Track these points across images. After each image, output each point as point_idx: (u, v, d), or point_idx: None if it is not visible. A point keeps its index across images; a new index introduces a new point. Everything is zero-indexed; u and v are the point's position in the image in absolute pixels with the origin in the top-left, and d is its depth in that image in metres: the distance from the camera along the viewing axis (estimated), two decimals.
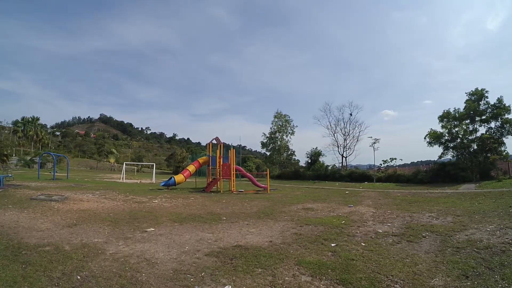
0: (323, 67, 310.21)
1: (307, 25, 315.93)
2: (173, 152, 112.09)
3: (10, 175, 25.49)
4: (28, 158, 63.05)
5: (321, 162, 49.78)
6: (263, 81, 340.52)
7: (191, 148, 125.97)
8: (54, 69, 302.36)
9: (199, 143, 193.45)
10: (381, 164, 39.64)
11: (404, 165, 45.07)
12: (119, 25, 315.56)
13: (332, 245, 6.89)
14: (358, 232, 8.33)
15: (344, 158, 50.61)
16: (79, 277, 4.93)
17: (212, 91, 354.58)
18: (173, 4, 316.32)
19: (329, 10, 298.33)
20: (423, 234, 7.77)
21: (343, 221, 9.90)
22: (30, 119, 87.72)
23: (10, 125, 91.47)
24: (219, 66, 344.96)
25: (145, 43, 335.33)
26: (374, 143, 38.65)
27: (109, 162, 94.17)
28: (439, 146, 32.35)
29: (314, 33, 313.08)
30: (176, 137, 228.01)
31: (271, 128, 60.69)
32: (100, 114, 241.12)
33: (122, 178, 36.09)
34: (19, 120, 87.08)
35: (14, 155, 65.70)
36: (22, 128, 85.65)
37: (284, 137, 60.06)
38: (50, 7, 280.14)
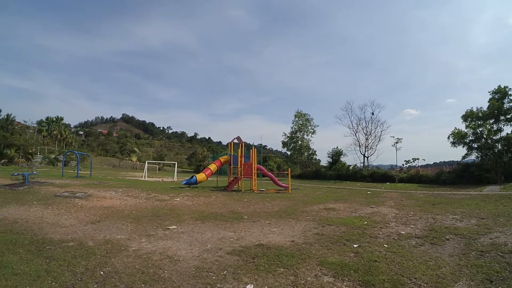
0: (343, 66, 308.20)
1: (326, 24, 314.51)
2: (194, 151, 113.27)
3: (35, 172, 26.20)
4: (52, 156, 64.71)
5: (342, 162, 49.34)
6: (282, 81, 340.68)
7: (212, 147, 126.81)
8: (76, 70, 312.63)
9: (219, 142, 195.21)
10: (403, 165, 39.00)
11: (427, 165, 44.28)
12: (140, 26, 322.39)
13: (355, 246, 6.82)
14: (380, 233, 8.22)
15: (365, 158, 49.89)
16: (102, 273, 5.00)
17: (231, 91, 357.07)
18: (192, 5, 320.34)
19: (349, 9, 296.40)
20: (447, 237, 7.63)
21: (365, 222, 9.78)
22: (54, 119, 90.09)
23: (35, 125, 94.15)
24: (238, 66, 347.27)
25: (165, 44, 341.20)
26: (396, 142, 38.09)
27: (131, 160, 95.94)
28: (463, 146, 31.59)
29: (333, 33, 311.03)
30: (197, 137, 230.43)
31: (291, 127, 60.57)
32: (122, 114, 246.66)
33: (144, 177, 36.63)
34: (44, 120, 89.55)
35: (38, 153, 67.69)
36: (47, 127, 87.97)
37: (305, 136, 59.77)
38: (72, 10, 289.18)
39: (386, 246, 6.82)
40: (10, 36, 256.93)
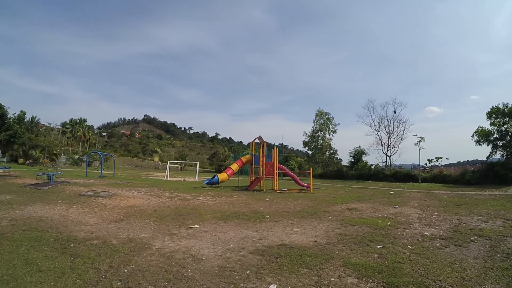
0: (362, 63, 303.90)
1: (345, 21, 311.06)
2: (216, 151, 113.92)
3: (59, 172, 26.88)
4: (76, 157, 66.35)
5: (364, 161, 48.53)
6: (302, 79, 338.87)
7: (233, 147, 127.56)
8: (99, 73, 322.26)
9: (241, 142, 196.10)
10: (426, 164, 38.12)
11: (450, 164, 43.23)
12: (160, 29, 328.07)
13: (378, 246, 6.75)
14: (404, 234, 8.09)
15: (388, 157, 48.93)
16: (126, 270, 5.04)
17: (251, 91, 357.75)
18: (211, 7, 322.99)
19: (367, 4, 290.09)
20: (472, 238, 7.47)
21: (389, 223, 9.63)
22: (77, 120, 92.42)
23: (59, 127, 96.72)
24: (258, 66, 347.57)
25: (185, 46, 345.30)
26: (419, 141, 37.38)
27: (153, 160, 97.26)
28: (488, 145, 30.63)
29: (351, 29, 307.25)
30: (218, 137, 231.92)
31: (312, 126, 60.02)
32: (144, 115, 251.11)
33: (166, 176, 37.02)
34: (67, 121, 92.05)
35: (63, 154, 69.38)
36: (71, 129, 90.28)
37: (326, 135, 59.18)
38: (93, 16, 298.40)
39: (410, 247, 6.72)
40: (35, 43, 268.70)
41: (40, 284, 4.39)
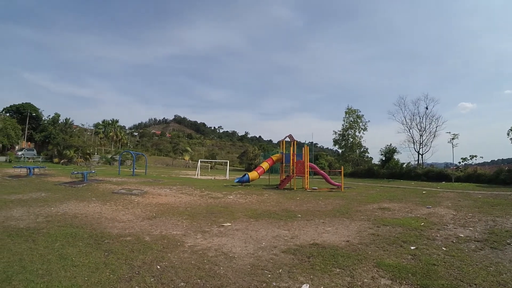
0: (391, 59, 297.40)
1: (372, 16, 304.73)
2: (245, 150, 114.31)
3: (93, 171, 27.60)
4: (109, 156, 68.06)
5: (395, 160, 47.12)
6: (330, 77, 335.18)
7: (263, 146, 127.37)
8: (129, 76, 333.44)
9: (270, 140, 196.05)
10: (459, 162, 36.68)
11: (484, 163, 41.71)
12: (187, 31, 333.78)
13: (412, 248, 6.60)
14: (438, 235, 7.87)
15: (420, 156, 47.38)
16: (159, 267, 5.08)
17: (279, 90, 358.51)
18: (236, 6, 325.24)
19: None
20: (508, 241, 7.21)
21: (422, 223, 9.37)
22: (110, 121, 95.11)
23: (92, 128, 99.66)
24: (286, 64, 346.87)
25: (212, 47, 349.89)
26: (452, 139, 35.91)
27: (184, 159, 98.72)
28: None
29: (378, 24, 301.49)
30: (248, 135, 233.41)
31: (342, 124, 58.94)
32: (175, 115, 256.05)
33: (197, 175, 37.36)
34: (100, 122, 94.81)
35: (96, 153, 71.39)
36: (103, 129, 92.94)
37: (357, 133, 58.11)
38: (123, 21, 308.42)
39: (444, 249, 6.56)
40: (68, 49, 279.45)
41: (74, 278, 4.47)
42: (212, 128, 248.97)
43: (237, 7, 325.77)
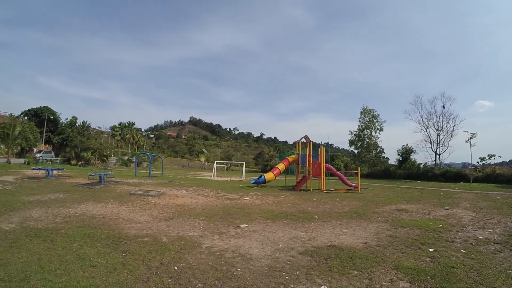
0: (406, 57, 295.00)
1: (386, 15, 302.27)
2: (261, 151, 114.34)
3: (110, 172, 27.97)
4: (126, 158, 69.02)
5: (412, 160, 46.41)
6: (344, 77, 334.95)
7: (278, 147, 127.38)
8: (144, 78, 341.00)
9: (285, 141, 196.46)
10: (478, 162, 35.93)
11: (502, 163, 40.76)
12: (200, 34, 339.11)
13: (430, 250, 6.53)
14: (457, 237, 7.79)
15: (437, 156, 46.56)
16: (176, 268, 5.10)
17: (294, 90, 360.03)
18: (248, 8, 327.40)
19: None
20: None
21: (440, 225, 9.25)
22: (126, 124, 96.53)
23: (108, 130, 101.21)
24: (299, 64, 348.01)
25: (226, 48, 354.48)
26: (470, 138, 35.28)
27: (199, 161, 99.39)
28: None
29: (392, 23, 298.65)
30: (263, 137, 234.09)
31: (358, 125, 58.47)
32: (190, 117, 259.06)
33: (213, 176, 37.55)
34: (117, 125, 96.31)
35: (113, 155, 72.37)
36: (120, 132, 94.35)
37: (373, 133, 57.48)
38: (137, 24, 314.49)
39: (463, 251, 6.49)
40: (82, 52, 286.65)
41: (92, 278, 4.51)
42: (228, 129, 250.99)
43: (250, 8, 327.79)
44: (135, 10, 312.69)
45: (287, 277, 4.84)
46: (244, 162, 47.32)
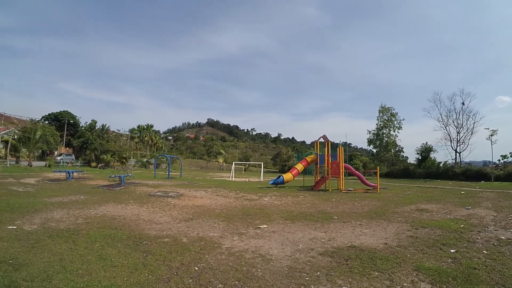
0: (424, 54, 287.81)
1: (402, 10, 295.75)
2: (279, 152, 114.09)
3: (130, 174, 28.37)
4: (145, 160, 69.96)
5: (432, 159, 45.52)
6: (362, 75, 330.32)
7: (296, 147, 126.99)
8: (161, 81, 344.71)
9: (303, 141, 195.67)
10: (499, 160, 35.00)
11: None
12: (216, 36, 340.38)
13: (452, 251, 6.41)
14: (478, 237, 7.63)
15: (457, 154, 45.53)
16: (196, 268, 5.12)
17: (311, 90, 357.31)
18: (263, 8, 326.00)
19: None
20: None
21: (462, 225, 9.07)
22: (145, 126, 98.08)
23: (127, 133, 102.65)
24: (316, 64, 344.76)
25: (242, 49, 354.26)
26: (491, 135, 34.47)
27: (218, 162, 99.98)
28: None
29: (409, 18, 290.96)
30: (281, 137, 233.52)
31: (376, 123, 57.71)
32: (208, 119, 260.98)
33: (231, 177, 37.75)
34: (135, 127, 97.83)
35: (132, 157, 73.39)
36: (138, 134, 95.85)
37: (392, 132, 56.63)
38: (152, 29, 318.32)
39: (485, 252, 6.35)
40: (101, 58, 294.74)
41: (114, 278, 4.56)
42: (245, 130, 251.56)
43: (265, 9, 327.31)
44: (152, 16, 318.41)
45: (307, 278, 4.82)
46: (262, 163, 47.27)
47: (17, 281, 4.32)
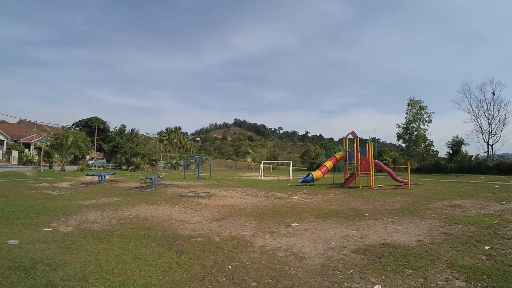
0: (450, 43, 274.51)
1: None
2: (307, 149, 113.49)
3: (161, 176, 28.87)
4: (174, 161, 71.27)
5: (463, 153, 43.85)
6: (387, 68, 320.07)
7: (324, 144, 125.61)
8: (187, 84, 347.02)
9: (331, 138, 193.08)
10: None
11: None
12: (237, 37, 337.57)
13: (486, 247, 6.21)
14: None
15: (489, 146, 43.67)
16: (230, 267, 5.16)
17: (336, 86, 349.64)
18: (283, 6, 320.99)
19: None
20: None
21: (496, 221, 8.76)
22: (173, 129, 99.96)
23: (156, 136, 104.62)
24: (340, 60, 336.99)
25: (265, 49, 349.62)
26: None
27: (246, 161, 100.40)
28: None
29: (431, 6, 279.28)
30: (308, 135, 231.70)
31: (405, 117, 56.15)
32: (235, 119, 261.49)
33: (260, 176, 37.71)
34: (164, 130, 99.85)
35: (161, 159, 74.74)
36: (167, 137, 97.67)
37: (421, 126, 55.05)
38: (174, 33, 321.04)
39: None
40: (128, 65, 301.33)
41: (149, 277, 4.64)
42: (272, 129, 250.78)
43: (285, 7, 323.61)
44: (175, 21, 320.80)
45: (340, 276, 4.78)
46: (290, 161, 47.19)
47: (54, 281, 4.46)
